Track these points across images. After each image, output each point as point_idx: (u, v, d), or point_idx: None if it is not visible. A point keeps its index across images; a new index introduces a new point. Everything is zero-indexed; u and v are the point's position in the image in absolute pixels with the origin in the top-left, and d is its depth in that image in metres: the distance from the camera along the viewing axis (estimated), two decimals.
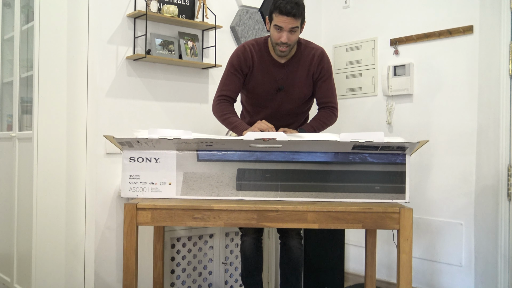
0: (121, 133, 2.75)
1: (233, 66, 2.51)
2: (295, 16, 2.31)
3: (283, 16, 2.31)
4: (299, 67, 2.51)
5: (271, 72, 2.51)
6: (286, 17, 2.31)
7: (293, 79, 2.51)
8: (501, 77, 2.91)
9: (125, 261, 2.01)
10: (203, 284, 3.06)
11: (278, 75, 2.51)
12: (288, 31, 2.35)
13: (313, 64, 2.51)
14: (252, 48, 2.51)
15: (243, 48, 2.53)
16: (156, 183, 2.14)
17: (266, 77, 2.51)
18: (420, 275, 3.28)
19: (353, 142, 2.02)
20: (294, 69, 2.51)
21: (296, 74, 2.51)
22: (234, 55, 2.53)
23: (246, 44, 2.54)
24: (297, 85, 2.52)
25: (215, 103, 2.54)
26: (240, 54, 2.51)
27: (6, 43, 3.33)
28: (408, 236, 2.00)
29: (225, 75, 2.55)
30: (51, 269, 2.74)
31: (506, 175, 2.89)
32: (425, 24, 3.29)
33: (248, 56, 2.50)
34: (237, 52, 2.53)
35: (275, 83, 2.51)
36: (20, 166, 2.97)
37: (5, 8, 3.31)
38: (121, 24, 2.91)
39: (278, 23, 2.34)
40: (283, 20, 2.32)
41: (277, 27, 2.36)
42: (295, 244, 2.60)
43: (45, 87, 2.73)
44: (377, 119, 3.57)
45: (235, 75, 2.52)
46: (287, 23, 2.32)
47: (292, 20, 2.32)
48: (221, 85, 2.55)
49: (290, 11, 2.30)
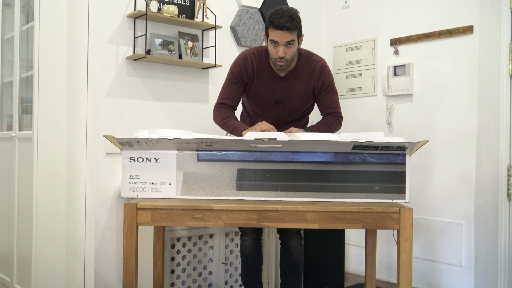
0: (121, 133, 2.75)
1: (234, 75, 2.52)
2: (289, 29, 2.31)
3: (278, 30, 2.32)
4: (298, 80, 2.51)
5: (270, 84, 2.51)
6: (280, 31, 2.31)
7: (291, 93, 2.51)
8: (501, 77, 2.91)
9: (125, 261, 2.01)
10: (203, 284, 3.06)
11: (277, 88, 2.51)
12: (284, 45, 2.35)
13: (314, 78, 2.51)
14: (253, 58, 2.51)
15: (244, 57, 2.52)
16: (156, 183, 2.14)
17: (265, 88, 2.51)
18: (420, 275, 3.28)
19: (353, 142, 2.02)
20: (293, 83, 2.51)
21: (295, 87, 2.51)
22: (235, 64, 2.54)
23: (247, 53, 2.54)
24: (296, 98, 2.52)
25: (215, 109, 2.55)
26: (241, 64, 2.51)
27: (6, 43, 3.32)
28: (408, 236, 2.00)
29: (226, 83, 2.56)
30: (51, 269, 2.74)
31: (506, 175, 2.89)
32: (425, 24, 3.29)
33: (248, 65, 2.50)
34: (238, 61, 2.53)
35: (273, 95, 2.52)
36: (20, 166, 2.97)
37: (5, 8, 3.31)
38: (121, 24, 2.91)
39: (274, 37, 2.34)
40: (278, 35, 2.33)
41: (273, 42, 2.36)
42: (295, 244, 2.60)
43: (45, 87, 2.73)
44: (377, 119, 3.57)
45: (236, 84, 2.52)
46: (282, 37, 2.33)
47: (286, 34, 2.32)
48: (221, 93, 2.56)
49: (284, 25, 2.30)
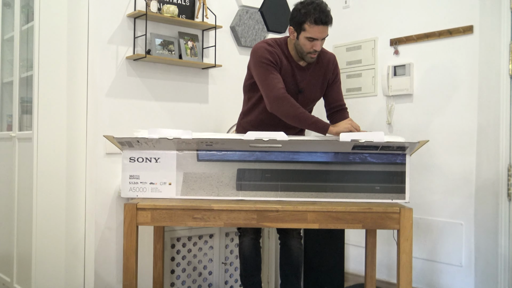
0: (121, 133, 2.75)
1: (270, 61, 2.35)
2: (328, 24, 2.34)
3: (319, 26, 2.31)
4: (317, 71, 2.52)
5: (294, 74, 2.48)
6: (322, 26, 2.32)
7: (312, 83, 2.52)
8: (501, 77, 2.91)
9: (125, 261, 2.01)
10: (203, 284, 3.06)
11: (300, 78, 2.50)
12: (321, 40, 2.36)
13: (329, 69, 2.54)
14: (277, 47, 2.45)
15: (267, 45, 2.40)
16: (156, 183, 2.14)
17: (290, 79, 2.47)
18: (420, 275, 3.28)
19: (353, 142, 2.02)
20: (313, 74, 2.52)
21: (316, 78, 2.52)
22: (263, 51, 2.37)
23: (267, 42, 2.43)
24: (315, 89, 2.54)
25: (280, 98, 2.29)
26: (270, 49, 2.38)
27: (6, 43, 3.32)
28: (408, 236, 2.00)
29: (267, 72, 2.34)
30: (51, 269, 2.74)
31: (506, 175, 2.89)
32: (425, 24, 3.29)
33: (275, 52, 2.41)
34: (266, 48, 2.38)
35: (296, 86, 2.50)
36: (20, 166, 2.97)
37: (5, 8, 3.31)
38: (121, 24, 2.91)
39: (314, 34, 2.32)
40: (319, 30, 2.32)
41: (310, 38, 2.34)
42: (295, 244, 2.60)
43: (45, 87, 2.73)
44: (377, 119, 3.57)
45: (276, 70, 2.37)
46: (322, 33, 2.34)
47: (326, 29, 2.34)
48: (270, 83, 2.32)
49: (326, 20, 2.31)
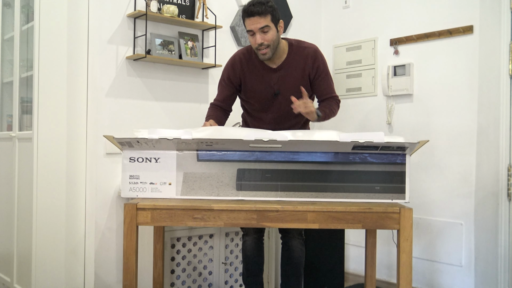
0: (121, 133, 2.75)
1: (223, 77, 2.63)
2: (260, 14, 2.33)
3: (250, 18, 2.35)
4: (292, 69, 2.51)
5: (264, 78, 2.52)
6: (252, 18, 2.34)
7: (288, 83, 2.51)
8: (501, 77, 2.91)
9: (125, 261, 2.01)
10: (203, 284, 3.06)
11: (272, 80, 2.51)
12: (260, 32, 2.36)
13: (308, 64, 2.51)
14: (242, 57, 2.55)
15: (232, 59, 2.61)
16: (156, 183, 2.14)
17: (261, 83, 2.53)
18: (420, 275, 3.28)
19: (353, 142, 2.02)
20: (287, 73, 2.51)
21: (290, 77, 2.51)
22: (225, 66, 2.63)
23: (237, 53, 2.61)
24: (293, 88, 2.50)
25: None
26: (229, 65, 2.60)
27: (6, 43, 3.32)
28: (408, 236, 2.00)
29: (218, 85, 2.68)
30: (51, 269, 2.74)
31: (506, 175, 2.89)
32: (425, 24, 3.29)
33: (236, 65, 2.55)
34: (227, 63, 2.63)
35: (270, 89, 2.52)
36: (20, 166, 2.96)
37: (5, 8, 3.31)
38: (121, 24, 2.91)
39: (248, 26, 2.38)
40: (251, 22, 2.36)
41: (250, 32, 2.39)
42: (296, 244, 2.60)
43: (45, 87, 2.73)
44: (377, 119, 3.57)
45: (224, 86, 2.62)
46: (255, 24, 2.35)
47: (258, 19, 2.34)
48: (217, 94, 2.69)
49: (254, 10, 2.32)
